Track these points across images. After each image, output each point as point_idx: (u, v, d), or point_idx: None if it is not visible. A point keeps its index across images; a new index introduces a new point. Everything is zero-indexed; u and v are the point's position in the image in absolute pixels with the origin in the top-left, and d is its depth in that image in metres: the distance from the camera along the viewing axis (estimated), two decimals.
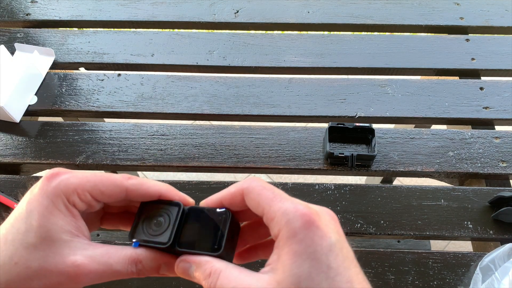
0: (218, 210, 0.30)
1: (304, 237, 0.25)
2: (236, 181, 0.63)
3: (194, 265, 0.29)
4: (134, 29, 0.86)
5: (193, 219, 0.31)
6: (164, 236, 0.30)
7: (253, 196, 0.28)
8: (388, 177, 1.16)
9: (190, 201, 0.32)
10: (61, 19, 0.86)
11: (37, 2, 0.89)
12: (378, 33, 0.89)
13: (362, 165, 0.68)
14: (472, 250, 0.68)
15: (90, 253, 0.28)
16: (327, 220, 0.27)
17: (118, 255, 0.29)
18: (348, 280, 0.26)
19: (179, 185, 0.67)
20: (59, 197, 0.28)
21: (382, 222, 0.64)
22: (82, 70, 0.83)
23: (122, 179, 0.30)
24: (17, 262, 0.27)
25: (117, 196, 0.30)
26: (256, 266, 0.29)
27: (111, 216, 0.34)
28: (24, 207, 0.28)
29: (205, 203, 0.31)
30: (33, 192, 0.28)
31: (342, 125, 0.68)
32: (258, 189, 0.28)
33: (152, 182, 0.31)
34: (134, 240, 0.30)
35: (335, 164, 0.68)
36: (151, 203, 0.31)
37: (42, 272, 0.27)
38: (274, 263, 0.26)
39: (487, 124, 0.75)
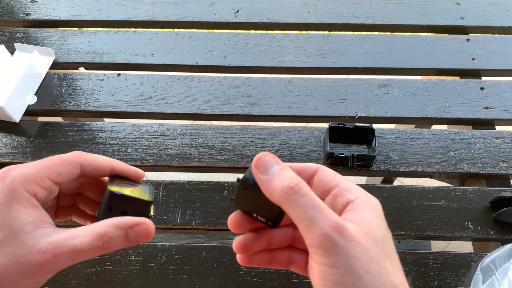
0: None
1: (379, 212, 0.29)
2: (236, 181, 0.62)
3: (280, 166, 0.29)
4: (134, 29, 0.86)
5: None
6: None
7: (328, 172, 0.31)
8: (388, 177, 1.16)
9: (141, 172, 0.35)
10: (61, 19, 0.86)
11: (37, 2, 0.89)
12: (379, 33, 0.89)
13: (362, 165, 0.68)
14: (472, 251, 0.68)
15: (53, 239, 0.28)
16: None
17: (82, 234, 0.29)
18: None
19: (179, 185, 0.66)
20: (17, 192, 0.28)
21: None
22: (82, 70, 0.83)
23: (74, 156, 0.31)
24: None
25: (74, 174, 0.31)
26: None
27: (63, 209, 0.35)
28: None
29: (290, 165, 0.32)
30: None
31: (342, 125, 0.68)
32: (330, 169, 0.32)
33: (103, 157, 0.33)
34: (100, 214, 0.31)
35: (335, 164, 0.68)
36: (115, 178, 0.33)
37: (13, 266, 0.27)
38: (354, 217, 0.29)
39: (488, 124, 0.75)
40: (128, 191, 0.31)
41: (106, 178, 0.34)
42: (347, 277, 0.26)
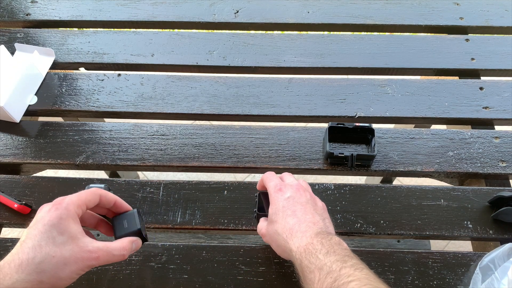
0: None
1: (274, 195, 0.54)
2: (236, 181, 0.64)
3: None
4: (134, 29, 0.86)
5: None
6: (133, 227, 0.50)
7: (263, 178, 0.57)
8: (388, 177, 1.16)
9: (125, 205, 0.51)
10: (61, 19, 0.86)
11: (37, 2, 0.89)
12: (378, 33, 0.89)
13: (362, 165, 0.68)
14: (472, 250, 0.68)
15: (95, 245, 0.45)
16: (288, 187, 0.54)
17: (114, 245, 0.46)
18: (292, 213, 0.51)
19: (179, 185, 0.67)
20: (70, 212, 0.45)
21: (382, 222, 0.64)
22: (82, 70, 0.83)
23: (96, 190, 0.48)
24: (54, 256, 0.42)
25: (96, 201, 0.48)
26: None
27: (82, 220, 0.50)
28: (46, 222, 0.43)
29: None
30: (51, 213, 0.44)
31: (342, 125, 0.68)
32: (265, 176, 0.57)
33: (111, 194, 0.50)
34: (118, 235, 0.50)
35: (335, 164, 0.68)
36: (116, 216, 0.51)
37: (72, 259, 0.43)
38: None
39: (487, 124, 0.75)
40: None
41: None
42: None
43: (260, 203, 0.59)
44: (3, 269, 0.41)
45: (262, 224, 0.56)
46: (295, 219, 0.50)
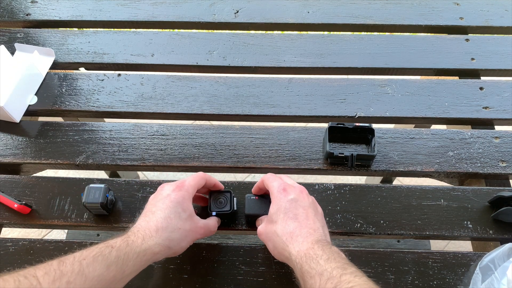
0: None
1: (278, 195, 0.54)
2: (236, 181, 0.64)
3: None
4: (134, 29, 0.86)
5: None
6: (227, 207, 0.60)
7: (264, 178, 0.58)
8: (388, 177, 1.16)
9: (221, 186, 0.61)
10: (61, 19, 0.86)
11: (37, 2, 0.89)
12: (378, 33, 0.89)
13: (362, 165, 0.68)
14: (472, 250, 0.68)
15: (203, 221, 0.56)
16: (292, 189, 0.54)
17: (211, 223, 0.57)
18: (294, 216, 0.52)
19: None
20: (189, 193, 0.54)
21: (382, 222, 0.64)
22: (82, 70, 0.83)
23: (203, 175, 0.57)
24: (180, 228, 0.52)
25: (203, 184, 0.57)
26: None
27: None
28: (173, 199, 0.52)
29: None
30: (175, 192, 0.53)
31: (342, 125, 0.68)
32: (267, 176, 0.58)
33: (213, 178, 0.59)
34: (213, 213, 0.60)
35: (335, 164, 0.68)
36: (214, 192, 0.61)
37: (191, 232, 0.53)
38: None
39: (487, 124, 0.75)
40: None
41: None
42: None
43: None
44: (146, 230, 0.49)
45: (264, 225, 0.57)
46: (296, 223, 0.50)
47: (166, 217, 0.51)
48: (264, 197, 0.60)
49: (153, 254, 0.49)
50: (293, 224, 0.50)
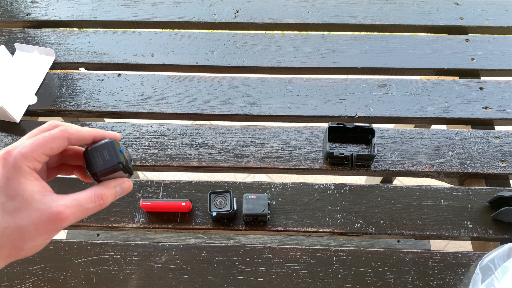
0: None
1: None
2: (236, 181, 0.64)
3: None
4: (134, 29, 0.86)
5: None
6: (226, 207, 0.58)
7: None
8: (388, 177, 1.16)
9: (117, 135, 0.40)
10: (61, 19, 0.86)
11: (37, 2, 0.89)
12: (378, 33, 0.89)
13: (362, 165, 0.68)
14: (472, 250, 0.68)
15: (61, 203, 0.35)
16: None
17: (86, 196, 0.37)
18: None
19: (179, 185, 0.67)
20: (21, 168, 0.34)
21: (382, 222, 0.64)
22: (82, 70, 0.83)
23: (61, 132, 0.37)
24: (6, 227, 0.33)
25: (63, 147, 0.37)
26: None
27: (51, 170, 0.42)
28: None
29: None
30: None
31: (342, 125, 0.68)
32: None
33: (86, 129, 0.39)
34: (213, 213, 0.60)
35: (335, 164, 0.68)
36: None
37: (31, 227, 0.34)
38: None
39: (487, 124, 0.75)
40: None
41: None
42: None
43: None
44: None
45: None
46: None
47: None
48: (262, 196, 0.61)
49: None
50: None
